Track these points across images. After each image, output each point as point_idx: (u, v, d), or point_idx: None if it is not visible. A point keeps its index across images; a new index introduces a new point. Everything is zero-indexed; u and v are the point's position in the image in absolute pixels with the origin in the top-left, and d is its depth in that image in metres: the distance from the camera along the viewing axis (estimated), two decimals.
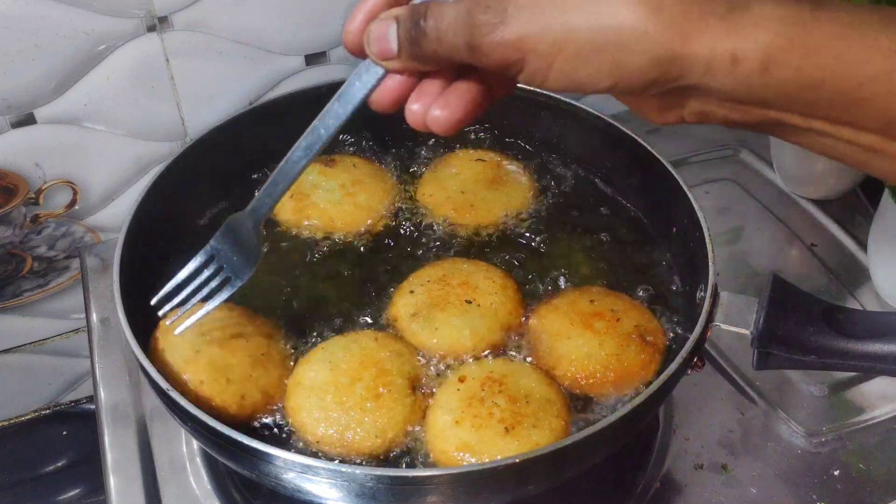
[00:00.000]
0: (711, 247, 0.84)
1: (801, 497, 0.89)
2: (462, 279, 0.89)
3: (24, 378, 1.25)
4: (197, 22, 1.03)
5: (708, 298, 0.79)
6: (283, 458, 0.68)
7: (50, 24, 0.95)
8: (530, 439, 0.75)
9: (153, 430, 0.94)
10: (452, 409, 0.78)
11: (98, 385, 0.99)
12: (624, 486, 0.90)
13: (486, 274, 0.90)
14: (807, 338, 0.75)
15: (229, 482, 0.90)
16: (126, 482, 0.90)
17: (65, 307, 1.21)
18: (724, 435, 0.94)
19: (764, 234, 1.20)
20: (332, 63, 1.13)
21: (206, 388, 0.77)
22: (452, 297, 0.88)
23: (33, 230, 1.11)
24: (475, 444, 0.75)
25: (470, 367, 0.83)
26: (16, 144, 1.03)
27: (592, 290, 0.90)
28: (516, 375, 0.81)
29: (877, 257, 1.08)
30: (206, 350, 0.79)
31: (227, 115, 0.99)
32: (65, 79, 1.00)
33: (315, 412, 0.77)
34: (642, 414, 0.75)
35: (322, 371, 0.80)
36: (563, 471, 0.75)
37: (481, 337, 0.85)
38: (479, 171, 1.03)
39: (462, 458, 0.75)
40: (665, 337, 0.86)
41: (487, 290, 0.88)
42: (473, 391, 0.79)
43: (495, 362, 0.83)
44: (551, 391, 0.80)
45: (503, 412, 0.77)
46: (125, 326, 0.77)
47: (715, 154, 1.30)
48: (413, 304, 0.87)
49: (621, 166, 1.02)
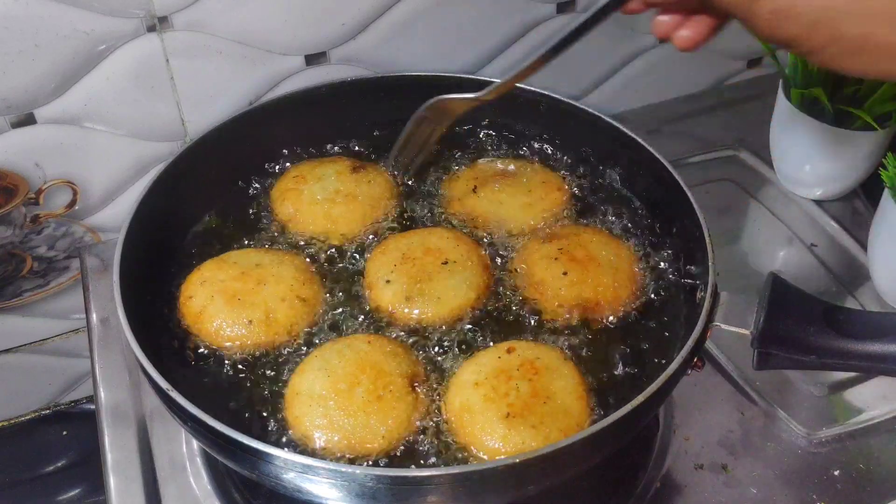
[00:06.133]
0: (711, 247, 0.84)
1: (801, 497, 0.89)
2: (422, 249, 0.91)
3: (24, 378, 1.25)
4: (197, 22, 1.03)
5: (708, 298, 0.79)
6: (283, 458, 0.68)
7: (50, 24, 0.95)
8: (520, 435, 0.76)
9: (153, 430, 0.95)
10: (482, 371, 0.80)
11: (98, 385, 0.99)
12: (624, 486, 0.90)
13: (439, 236, 0.94)
14: (807, 338, 0.75)
15: (229, 482, 0.90)
16: (126, 482, 0.90)
17: (65, 307, 1.21)
18: (724, 435, 0.94)
19: (764, 234, 1.20)
20: (332, 63, 1.13)
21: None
22: (430, 267, 0.90)
23: (33, 230, 1.11)
24: (477, 411, 0.77)
25: (525, 343, 0.84)
26: (16, 144, 1.03)
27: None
28: (556, 375, 0.81)
29: (877, 257, 1.08)
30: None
31: (227, 115, 1.00)
32: (65, 79, 1.00)
33: (317, 420, 0.78)
34: (642, 414, 0.75)
35: (319, 379, 0.80)
36: (562, 471, 0.75)
37: (477, 284, 0.89)
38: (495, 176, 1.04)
39: (463, 419, 0.78)
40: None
41: (451, 247, 0.91)
42: (511, 366, 0.81)
43: (552, 352, 0.83)
44: (576, 406, 0.79)
45: (517, 399, 0.78)
46: (125, 326, 0.77)
47: (715, 154, 1.30)
48: (399, 290, 0.88)
49: (621, 167, 1.03)
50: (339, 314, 0.89)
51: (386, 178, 1.03)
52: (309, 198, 0.98)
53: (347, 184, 1.00)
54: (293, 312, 0.87)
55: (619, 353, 0.86)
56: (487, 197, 1.00)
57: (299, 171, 1.02)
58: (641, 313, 0.90)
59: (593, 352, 0.86)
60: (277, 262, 0.91)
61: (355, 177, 1.01)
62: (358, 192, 0.99)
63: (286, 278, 0.89)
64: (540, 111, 1.06)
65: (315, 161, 1.04)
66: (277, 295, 0.87)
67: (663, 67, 1.36)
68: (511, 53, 1.22)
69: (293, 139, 1.06)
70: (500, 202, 0.99)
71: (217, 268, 0.90)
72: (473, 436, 0.77)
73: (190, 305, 0.87)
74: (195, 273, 0.90)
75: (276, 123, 1.04)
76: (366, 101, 1.07)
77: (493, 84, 0.88)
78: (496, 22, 1.19)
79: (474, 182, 1.02)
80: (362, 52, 1.13)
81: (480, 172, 1.03)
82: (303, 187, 0.99)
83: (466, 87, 0.98)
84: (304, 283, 0.89)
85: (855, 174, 1.19)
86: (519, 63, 0.82)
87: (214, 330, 0.85)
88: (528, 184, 1.01)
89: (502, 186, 1.01)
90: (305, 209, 0.98)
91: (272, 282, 0.88)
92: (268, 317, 0.86)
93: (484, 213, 0.99)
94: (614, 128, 1.00)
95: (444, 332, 0.87)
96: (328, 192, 0.99)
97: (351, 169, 1.02)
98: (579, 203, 1.02)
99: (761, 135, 1.25)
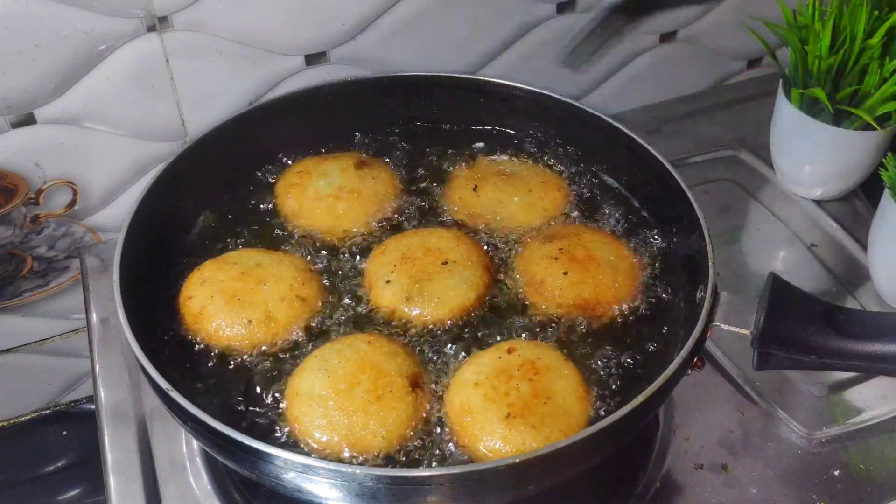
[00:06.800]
0: (711, 247, 0.84)
1: (801, 497, 0.89)
2: (422, 249, 0.91)
3: (24, 378, 1.25)
4: (197, 22, 1.03)
5: (708, 298, 0.79)
6: (283, 458, 0.68)
7: (50, 24, 0.95)
8: (520, 435, 0.76)
9: (153, 430, 0.95)
10: (482, 371, 0.80)
11: (98, 385, 0.99)
12: (624, 486, 0.90)
13: (438, 236, 0.93)
14: (807, 338, 0.75)
15: (229, 482, 0.90)
16: (126, 482, 0.90)
17: (65, 307, 1.21)
18: (724, 435, 0.94)
19: (764, 234, 1.20)
20: (332, 63, 1.13)
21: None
22: (430, 267, 0.89)
23: (33, 230, 1.11)
24: (477, 411, 0.77)
25: (525, 343, 0.84)
26: (16, 144, 1.03)
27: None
28: (557, 375, 0.81)
29: (877, 257, 1.08)
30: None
31: (227, 115, 0.99)
32: (65, 79, 1.00)
33: (317, 420, 0.77)
34: (642, 414, 0.75)
35: (319, 379, 0.80)
36: (562, 471, 0.75)
37: (477, 284, 0.88)
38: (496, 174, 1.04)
39: (463, 419, 0.78)
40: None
41: (451, 247, 0.91)
42: (511, 366, 0.80)
43: (552, 352, 0.83)
44: (576, 406, 0.79)
45: (517, 399, 0.78)
46: (125, 326, 0.77)
47: (715, 154, 1.30)
48: (399, 290, 0.88)
49: (621, 167, 1.03)
50: (338, 314, 0.89)
51: (390, 174, 1.03)
52: (313, 193, 0.98)
53: (351, 180, 1.00)
54: (293, 312, 0.87)
55: (620, 353, 0.86)
56: (487, 196, 1.00)
57: (304, 166, 1.03)
58: (641, 313, 0.90)
59: (593, 352, 0.86)
60: (277, 261, 0.91)
61: (359, 173, 1.01)
62: (362, 188, 0.99)
63: (286, 278, 0.89)
64: (540, 111, 1.06)
65: (319, 157, 1.05)
66: (277, 295, 0.87)
67: (663, 67, 1.36)
68: (511, 53, 1.22)
69: (293, 139, 1.06)
70: (501, 202, 0.99)
71: (217, 268, 0.90)
72: (474, 436, 0.77)
73: (190, 305, 0.87)
74: (195, 273, 0.90)
75: (276, 123, 1.04)
76: (366, 101, 1.07)
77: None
78: (496, 22, 1.19)
79: (474, 182, 1.02)
80: (362, 52, 1.13)
81: (480, 172, 1.03)
82: (307, 183, 1.00)
83: (466, 87, 0.99)
84: (304, 283, 0.89)
85: (855, 174, 1.19)
86: (518, 63, 0.81)
87: (214, 330, 0.85)
88: (528, 183, 1.01)
89: (502, 186, 1.01)
90: (309, 205, 0.98)
91: (272, 282, 0.88)
92: (267, 317, 0.86)
93: (484, 212, 0.99)
94: (614, 128, 1.00)
95: (444, 332, 0.87)
96: (332, 187, 0.99)
97: (355, 165, 1.02)
98: (579, 203, 1.02)
99: (761, 135, 1.25)
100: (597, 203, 1.02)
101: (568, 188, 1.03)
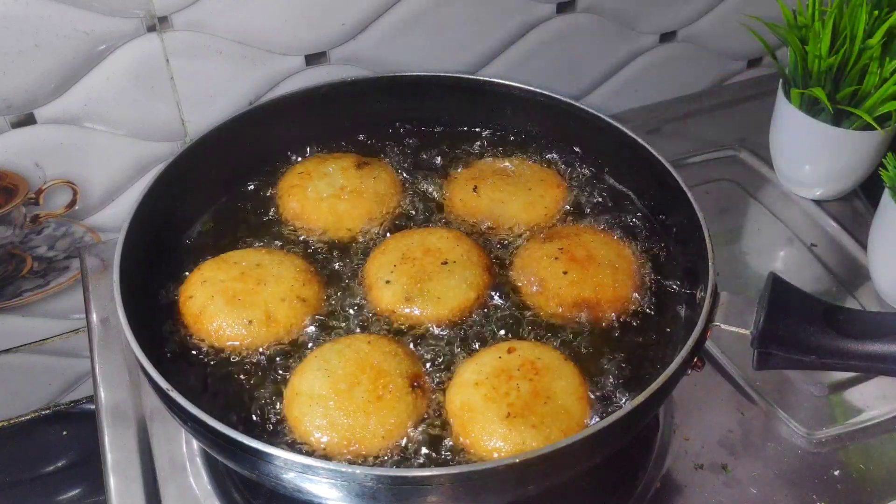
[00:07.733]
0: (711, 247, 0.84)
1: (801, 497, 0.89)
2: (422, 249, 0.91)
3: (24, 378, 1.25)
4: (197, 22, 1.03)
5: (708, 298, 0.79)
6: (283, 458, 0.68)
7: (50, 24, 0.95)
8: (520, 435, 0.76)
9: (153, 430, 0.95)
10: (482, 371, 0.80)
11: (98, 385, 0.99)
12: (624, 486, 0.90)
13: (438, 236, 0.93)
14: (807, 338, 0.75)
15: (229, 482, 0.90)
16: (126, 482, 0.90)
17: (65, 307, 1.21)
18: (724, 435, 0.94)
19: (764, 234, 1.20)
20: (332, 63, 1.13)
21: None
22: (429, 267, 0.90)
23: (33, 230, 1.11)
24: (478, 411, 0.77)
25: (525, 343, 0.84)
26: (16, 144, 1.03)
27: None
28: (557, 375, 0.81)
29: (877, 257, 1.08)
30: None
31: (227, 115, 1.00)
32: (65, 79, 1.00)
33: (317, 420, 0.77)
34: (642, 414, 0.75)
35: (319, 379, 0.80)
36: (563, 471, 0.75)
37: (477, 284, 0.89)
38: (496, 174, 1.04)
39: (464, 418, 0.78)
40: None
41: (451, 247, 0.91)
42: (511, 365, 0.80)
43: (552, 352, 0.83)
44: (577, 406, 0.79)
45: (518, 398, 0.78)
46: (125, 326, 0.77)
47: (715, 154, 1.30)
48: (399, 291, 0.88)
49: (621, 166, 1.03)
50: (339, 314, 0.89)
51: (390, 173, 1.03)
52: (314, 193, 0.99)
53: (352, 180, 1.00)
54: (293, 312, 0.87)
55: (620, 352, 0.86)
56: (487, 196, 1.00)
57: (304, 167, 1.03)
58: (641, 313, 0.90)
59: (593, 351, 0.86)
60: (277, 262, 0.91)
61: (360, 173, 1.01)
62: (363, 188, 0.99)
63: (286, 278, 0.89)
64: (540, 111, 1.06)
65: (320, 157, 1.05)
66: (277, 295, 0.87)
67: (663, 67, 1.36)
68: (511, 53, 1.23)
69: (293, 139, 1.06)
70: (501, 202, 1.00)
71: (217, 268, 0.90)
72: (474, 436, 0.77)
73: (190, 305, 0.87)
74: (195, 273, 0.90)
75: (276, 123, 1.04)
76: (366, 101, 1.07)
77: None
78: (496, 22, 1.19)
79: (474, 181, 1.02)
80: (362, 52, 1.13)
81: (480, 172, 1.04)
82: (308, 183, 1.00)
83: (466, 87, 0.99)
84: (304, 284, 0.89)
85: (855, 174, 1.19)
86: (518, 63, 0.81)
87: (214, 330, 0.85)
88: (528, 183, 1.01)
89: (502, 186, 1.01)
90: (310, 205, 0.98)
91: (272, 282, 0.88)
92: (268, 317, 0.86)
93: (484, 212, 0.99)
94: (614, 128, 1.00)
95: (444, 332, 0.87)
96: (333, 188, 0.99)
97: (356, 165, 1.02)
98: (579, 203, 1.02)
99: (761, 135, 1.25)
100: (597, 203, 1.02)
101: (568, 188, 1.02)
